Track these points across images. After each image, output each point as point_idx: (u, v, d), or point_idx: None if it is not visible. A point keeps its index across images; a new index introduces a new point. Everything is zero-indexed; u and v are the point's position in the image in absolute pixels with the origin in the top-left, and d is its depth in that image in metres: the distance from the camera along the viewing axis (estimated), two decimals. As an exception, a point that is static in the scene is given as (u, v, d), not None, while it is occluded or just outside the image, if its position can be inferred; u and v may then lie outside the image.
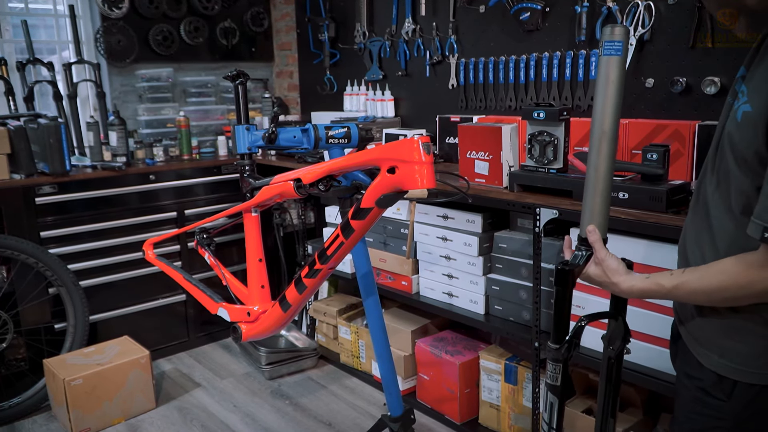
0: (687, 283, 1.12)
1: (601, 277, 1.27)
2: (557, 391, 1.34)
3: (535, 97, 2.72)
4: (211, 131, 3.87)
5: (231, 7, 3.96)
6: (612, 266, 1.25)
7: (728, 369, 1.14)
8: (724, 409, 1.15)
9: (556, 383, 1.33)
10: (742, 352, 1.12)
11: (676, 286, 1.14)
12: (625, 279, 1.23)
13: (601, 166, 1.28)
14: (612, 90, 1.27)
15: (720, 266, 1.08)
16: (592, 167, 1.29)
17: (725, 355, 1.14)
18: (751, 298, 1.07)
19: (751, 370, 1.12)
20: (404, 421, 2.33)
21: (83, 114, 3.59)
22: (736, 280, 1.05)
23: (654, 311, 1.95)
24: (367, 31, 3.50)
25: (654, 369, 1.98)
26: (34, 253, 2.89)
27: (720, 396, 1.15)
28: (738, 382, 1.13)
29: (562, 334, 1.33)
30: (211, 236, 2.41)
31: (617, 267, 1.24)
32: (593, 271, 1.28)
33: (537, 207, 2.18)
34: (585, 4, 2.45)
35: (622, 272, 1.24)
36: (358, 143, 2.19)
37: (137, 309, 3.37)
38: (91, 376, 2.75)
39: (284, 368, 3.28)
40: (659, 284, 1.16)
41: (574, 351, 1.33)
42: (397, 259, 2.90)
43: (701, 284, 1.10)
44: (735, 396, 1.13)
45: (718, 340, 1.16)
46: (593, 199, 1.30)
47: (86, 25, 3.61)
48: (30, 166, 2.98)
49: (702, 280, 1.10)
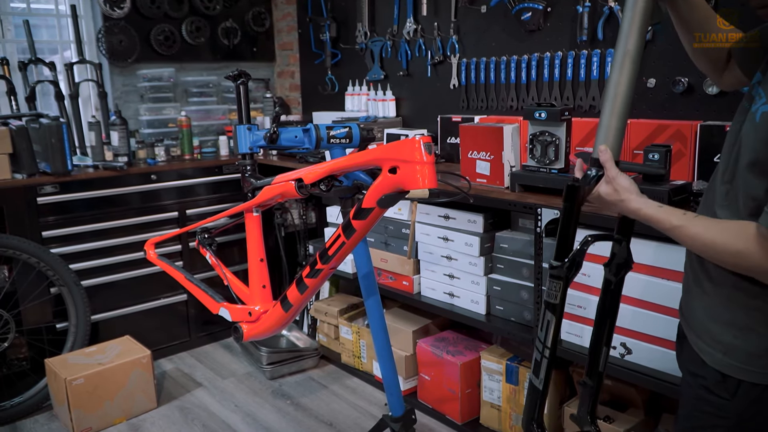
0: (691, 228, 1.12)
1: (611, 195, 1.24)
2: (555, 310, 1.31)
3: (536, 97, 2.72)
4: (213, 131, 3.87)
5: (232, 7, 3.96)
6: (623, 184, 1.23)
7: (732, 368, 1.14)
8: (728, 407, 1.15)
9: (555, 301, 1.30)
10: (747, 351, 1.13)
11: (681, 227, 1.13)
12: (635, 198, 1.21)
13: (622, 85, 1.27)
14: (638, 8, 1.25)
15: (726, 226, 1.09)
16: (612, 86, 1.28)
17: (729, 354, 1.14)
18: (737, 268, 1.09)
19: (755, 370, 1.12)
20: (405, 421, 2.33)
21: (85, 114, 3.60)
22: (733, 245, 1.06)
23: (655, 312, 1.95)
24: (369, 31, 3.50)
25: (655, 369, 1.97)
26: (35, 253, 2.89)
27: (723, 395, 1.16)
28: (742, 381, 1.13)
29: (565, 252, 1.30)
30: (213, 236, 2.41)
31: (629, 185, 1.22)
32: (603, 190, 1.25)
33: (538, 207, 2.18)
34: (587, 4, 2.45)
35: (634, 192, 1.22)
36: (359, 143, 2.19)
37: (139, 309, 3.38)
38: (92, 376, 2.75)
39: (285, 368, 3.28)
40: (667, 219, 1.16)
41: (576, 271, 1.31)
42: (398, 259, 2.90)
43: (702, 235, 1.10)
44: (739, 395, 1.14)
45: (723, 338, 1.16)
46: (609, 118, 1.28)
47: (88, 25, 3.62)
48: (32, 166, 2.98)
49: (705, 232, 1.10)
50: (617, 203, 1.24)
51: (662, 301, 1.93)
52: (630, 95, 1.28)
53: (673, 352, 1.92)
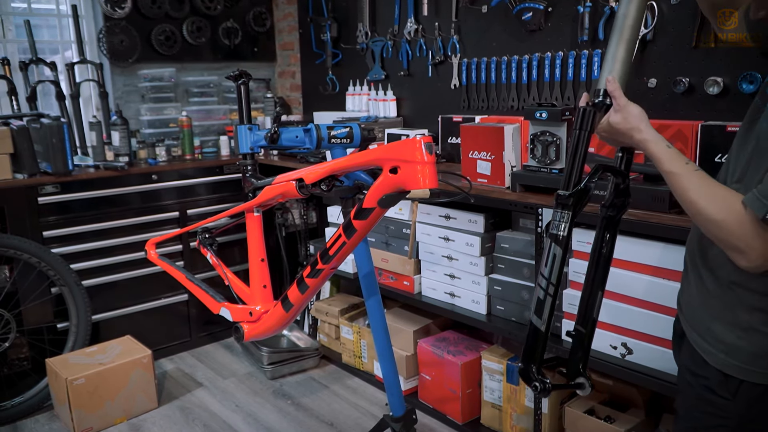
0: (685, 180, 1.12)
1: (620, 123, 1.22)
2: (561, 242, 1.24)
3: (537, 97, 2.72)
4: (214, 131, 3.87)
5: (233, 7, 3.96)
6: (634, 112, 1.21)
7: (734, 368, 1.14)
8: (729, 408, 1.15)
9: (563, 233, 1.23)
10: (749, 351, 1.13)
11: (678, 174, 1.13)
12: (645, 128, 1.19)
13: (631, 14, 1.26)
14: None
15: (716, 192, 1.09)
16: (620, 17, 1.27)
17: (732, 354, 1.14)
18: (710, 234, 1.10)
19: (757, 370, 1.12)
20: (406, 421, 2.33)
21: (86, 114, 3.60)
22: (716, 213, 1.07)
23: (656, 312, 1.95)
24: (370, 31, 3.50)
25: (656, 369, 1.97)
26: (36, 253, 2.89)
27: (725, 395, 1.15)
28: (743, 381, 1.13)
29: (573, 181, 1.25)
30: (214, 236, 2.41)
31: (639, 114, 1.21)
32: (614, 119, 1.23)
33: (539, 207, 2.18)
34: (587, 4, 2.45)
35: (644, 121, 1.20)
36: (360, 143, 2.19)
37: (139, 309, 3.38)
38: (93, 376, 2.75)
39: (286, 368, 3.28)
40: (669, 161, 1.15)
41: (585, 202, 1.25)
42: (399, 259, 2.90)
43: (693, 192, 1.11)
44: (740, 395, 1.14)
45: (726, 338, 1.16)
46: (617, 48, 1.27)
47: (89, 25, 3.62)
48: (33, 166, 2.98)
49: (696, 190, 1.11)
50: (627, 131, 1.21)
51: (663, 301, 1.93)
52: (638, 26, 1.26)
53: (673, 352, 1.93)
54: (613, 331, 2.09)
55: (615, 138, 1.27)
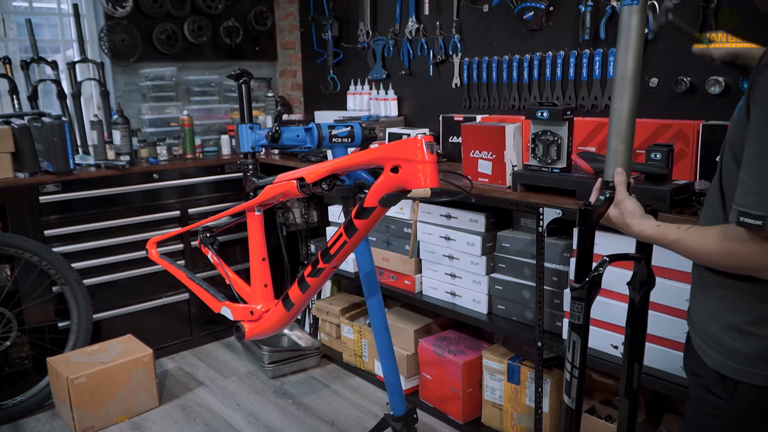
0: (685, 239, 1.17)
1: (617, 218, 1.31)
2: (580, 330, 1.37)
3: (538, 96, 2.72)
4: (215, 130, 3.88)
5: (234, 6, 3.96)
6: (629, 208, 1.29)
7: (731, 369, 1.15)
8: (726, 408, 1.17)
9: (579, 322, 1.36)
10: (744, 353, 1.14)
11: (677, 240, 1.19)
12: (638, 222, 1.27)
13: (624, 112, 1.35)
14: (633, 37, 1.32)
15: (714, 231, 1.13)
16: (615, 114, 1.35)
17: (728, 356, 1.16)
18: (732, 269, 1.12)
19: (753, 371, 1.13)
20: (407, 420, 2.33)
21: (87, 113, 3.60)
22: (719, 248, 1.10)
23: (658, 312, 1.95)
24: (371, 30, 3.50)
25: (658, 369, 1.97)
26: (37, 252, 2.90)
27: (722, 395, 1.17)
28: (740, 382, 1.14)
29: (585, 273, 1.35)
30: (215, 235, 2.41)
31: (633, 209, 1.29)
32: (612, 213, 1.32)
33: (540, 206, 2.17)
34: (589, 4, 2.45)
35: (638, 215, 1.28)
36: (361, 142, 2.19)
37: (141, 308, 3.38)
38: (94, 375, 2.75)
39: (287, 367, 3.29)
40: (664, 234, 1.21)
41: (596, 291, 1.36)
42: (400, 259, 2.90)
43: (695, 243, 1.15)
44: (737, 396, 1.15)
45: (722, 340, 1.17)
46: (617, 145, 1.35)
47: (90, 24, 3.62)
48: (34, 165, 2.98)
49: (697, 240, 1.15)
50: (623, 227, 1.30)
51: (665, 301, 1.93)
52: (632, 118, 1.35)
53: (675, 352, 1.93)
54: (614, 331, 2.09)
55: (614, 227, 1.34)
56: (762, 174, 1.03)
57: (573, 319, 1.39)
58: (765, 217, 1.01)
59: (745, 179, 1.05)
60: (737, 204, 1.05)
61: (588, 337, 1.40)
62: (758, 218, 1.02)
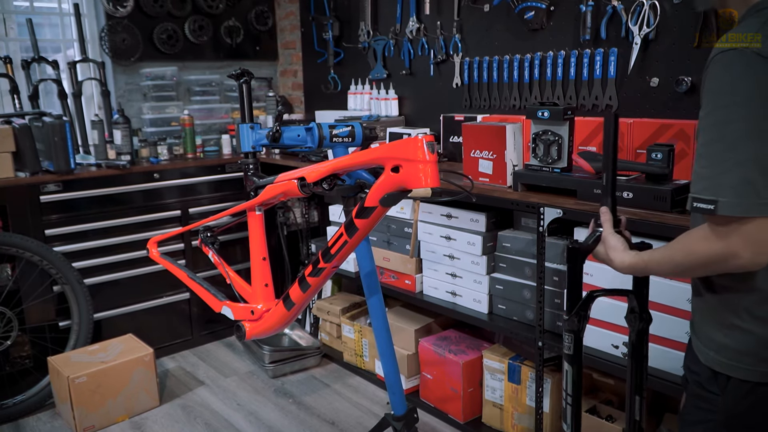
0: (656, 257, 1.23)
1: (602, 253, 1.37)
2: (571, 359, 1.45)
3: (539, 96, 2.71)
4: (215, 130, 3.88)
5: (235, 5, 3.96)
6: (611, 243, 1.34)
7: (722, 364, 1.19)
8: (717, 402, 1.21)
9: (570, 352, 1.45)
10: (733, 349, 1.18)
11: (651, 260, 1.24)
12: (619, 255, 1.31)
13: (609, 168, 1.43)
14: None
15: (679, 239, 1.18)
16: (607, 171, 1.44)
17: (720, 352, 1.20)
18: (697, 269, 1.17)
19: (742, 366, 1.16)
20: (407, 420, 2.33)
21: (88, 112, 3.60)
22: (682, 251, 1.16)
23: (659, 312, 1.95)
24: (372, 30, 3.50)
25: (658, 369, 1.97)
26: (38, 251, 2.90)
27: (714, 390, 1.21)
28: (731, 377, 1.18)
29: (573, 305, 1.43)
30: (215, 235, 2.41)
31: (615, 244, 1.33)
32: (598, 249, 1.38)
33: (541, 206, 2.17)
34: (590, 3, 2.44)
35: (620, 249, 1.32)
36: (362, 142, 2.19)
37: (141, 307, 3.38)
38: (95, 374, 2.76)
39: (287, 367, 3.29)
40: (641, 258, 1.27)
41: (584, 323, 1.44)
42: (400, 258, 2.90)
43: (664, 257, 1.20)
44: (728, 391, 1.19)
45: (714, 337, 1.21)
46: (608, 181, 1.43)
47: (91, 23, 3.62)
48: (35, 164, 2.98)
49: (665, 253, 1.20)
50: (608, 262, 1.35)
51: (666, 301, 1.93)
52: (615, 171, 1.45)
53: (676, 352, 1.93)
54: (615, 331, 2.09)
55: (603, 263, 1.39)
56: (710, 161, 1.08)
57: (565, 350, 1.46)
58: (716, 201, 1.05)
59: (696, 168, 1.11)
60: (691, 192, 1.11)
61: (582, 368, 1.48)
62: (710, 202, 1.06)
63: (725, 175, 1.05)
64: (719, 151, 1.07)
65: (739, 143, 1.05)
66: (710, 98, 1.09)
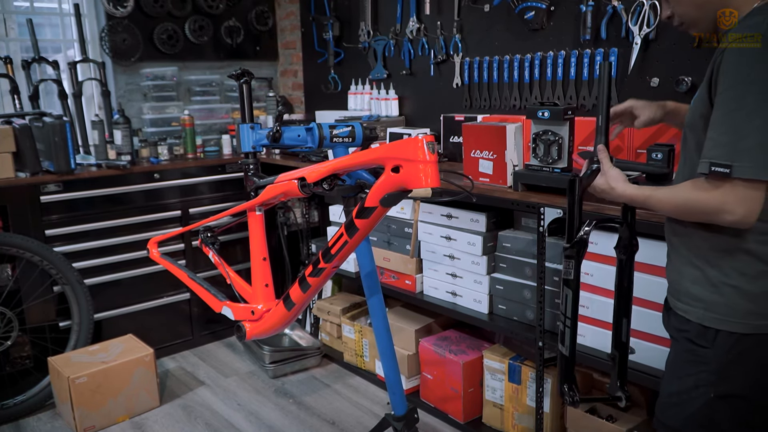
0: (658, 194, 1.34)
1: (603, 185, 1.46)
2: (571, 285, 1.53)
3: (539, 96, 2.71)
4: (216, 130, 3.88)
5: (236, 5, 3.96)
6: (612, 174, 1.45)
7: (712, 320, 1.31)
8: (708, 354, 1.32)
9: (570, 277, 1.52)
10: (722, 304, 1.30)
11: (651, 196, 1.35)
12: (621, 185, 1.42)
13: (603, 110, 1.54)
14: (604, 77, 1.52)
15: (683, 184, 1.30)
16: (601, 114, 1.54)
17: (709, 309, 1.32)
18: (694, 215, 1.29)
19: (729, 319, 1.29)
20: (408, 420, 2.33)
21: (88, 112, 3.60)
22: (686, 197, 1.28)
23: (658, 311, 1.94)
24: (372, 30, 3.50)
25: (658, 369, 1.97)
26: (39, 251, 2.90)
27: (704, 344, 1.33)
28: (719, 330, 1.30)
29: (573, 235, 1.52)
30: (216, 235, 2.41)
31: (617, 176, 1.44)
32: (598, 181, 1.48)
33: (541, 206, 2.17)
34: (590, 3, 2.44)
35: (621, 180, 1.43)
36: (362, 142, 2.19)
37: (142, 307, 3.38)
38: (95, 374, 2.76)
39: (288, 367, 3.29)
40: (641, 193, 1.37)
41: (584, 250, 1.52)
42: (401, 258, 2.90)
43: (666, 195, 1.32)
44: (717, 343, 1.31)
45: (702, 297, 1.33)
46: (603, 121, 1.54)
47: (91, 23, 3.62)
48: (35, 165, 2.98)
49: (667, 193, 1.32)
50: (609, 191, 1.45)
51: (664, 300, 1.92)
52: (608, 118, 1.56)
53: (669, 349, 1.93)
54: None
55: (601, 195, 1.49)
56: (728, 128, 1.19)
57: (565, 275, 1.53)
58: (731, 165, 1.17)
59: (713, 135, 1.21)
60: (707, 157, 1.21)
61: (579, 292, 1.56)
62: (726, 167, 1.18)
63: (743, 141, 1.16)
64: (738, 119, 1.17)
65: (756, 114, 1.15)
66: (729, 76, 1.19)
